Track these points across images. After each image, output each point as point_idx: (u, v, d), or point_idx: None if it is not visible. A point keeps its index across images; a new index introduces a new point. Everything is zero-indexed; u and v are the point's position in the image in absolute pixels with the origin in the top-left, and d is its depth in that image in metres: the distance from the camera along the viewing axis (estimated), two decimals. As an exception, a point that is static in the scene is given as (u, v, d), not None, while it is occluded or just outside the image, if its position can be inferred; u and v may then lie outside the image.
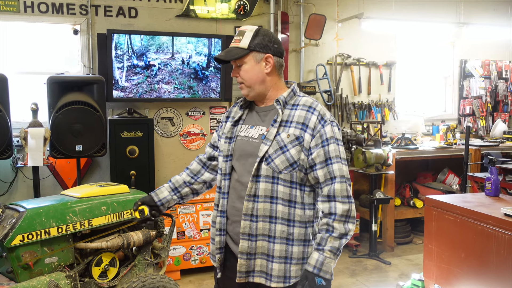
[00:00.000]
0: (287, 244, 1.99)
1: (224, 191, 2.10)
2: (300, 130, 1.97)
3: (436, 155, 5.67)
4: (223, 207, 2.10)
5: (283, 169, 1.96)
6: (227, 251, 2.12)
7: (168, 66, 4.92)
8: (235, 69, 2.07)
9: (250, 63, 2.03)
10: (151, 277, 2.91)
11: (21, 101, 4.52)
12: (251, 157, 2.02)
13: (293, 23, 5.72)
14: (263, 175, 1.98)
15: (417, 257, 5.09)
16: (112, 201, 3.10)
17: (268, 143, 1.98)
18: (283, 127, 2.00)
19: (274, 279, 1.99)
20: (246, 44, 2.01)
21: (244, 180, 2.03)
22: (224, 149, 2.12)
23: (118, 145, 4.61)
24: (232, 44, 2.05)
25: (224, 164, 2.11)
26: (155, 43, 4.84)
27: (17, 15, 4.63)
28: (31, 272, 2.77)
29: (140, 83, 4.85)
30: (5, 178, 4.61)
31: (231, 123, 2.15)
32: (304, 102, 2.04)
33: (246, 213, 1.99)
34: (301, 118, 1.99)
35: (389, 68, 6.25)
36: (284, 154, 1.96)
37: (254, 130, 2.08)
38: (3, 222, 2.81)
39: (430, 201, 3.63)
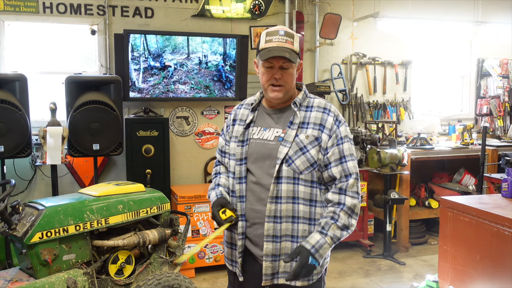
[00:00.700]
0: None
1: (241, 195, 2.10)
2: (318, 131, 2.02)
3: (452, 155, 5.61)
4: (242, 210, 2.10)
5: (304, 169, 2.00)
6: (246, 254, 2.13)
7: (184, 67, 4.97)
8: (278, 70, 2.00)
9: (294, 68, 2.05)
10: (166, 275, 2.95)
11: (40, 101, 4.60)
12: (268, 159, 2.04)
13: (308, 23, 5.72)
14: (285, 176, 2.00)
15: (432, 258, 5.05)
16: (128, 199, 3.15)
17: (287, 144, 2.00)
18: (300, 128, 2.03)
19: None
20: (297, 49, 2.02)
21: (263, 182, 2.04)
22: (237, 152, 2.11)
23: (134, 144, 4.67)
24: (284, 44, 1.98)
25: (238, 167, 2.10)
26: (171, 44, 4.88)
27: (36, 16, 4.71)
28: (49, 269, 2.83)
29: (156, 84, 4.90)
30: (24, 176, 4.71)
31: (243, 126, 2.14)
32: (318, 103, 2.08)
33: (270, 215, 2.00)
34: (317, 119, 2.03)
35: (405, 67, 6.21)
36: (304, 155, 2.00)
37: (269, 133, 2.08)
38: (23, 219, 2.87)
39: (446, 202, 3.61)
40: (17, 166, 4.62)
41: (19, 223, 2.85)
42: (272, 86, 2.03)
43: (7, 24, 4.68)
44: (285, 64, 1.99)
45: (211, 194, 2.22)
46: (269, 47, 1.99)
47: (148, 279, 2.90)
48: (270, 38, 2.00)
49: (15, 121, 3.95)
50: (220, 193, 2.17)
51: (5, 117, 3.91)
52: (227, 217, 2.08)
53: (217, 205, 2.12)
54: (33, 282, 2.75)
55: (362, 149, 5.36)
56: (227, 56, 5.10)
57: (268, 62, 2.01)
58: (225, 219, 2.07)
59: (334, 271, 4.71)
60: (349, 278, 4.55)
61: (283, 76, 2.01)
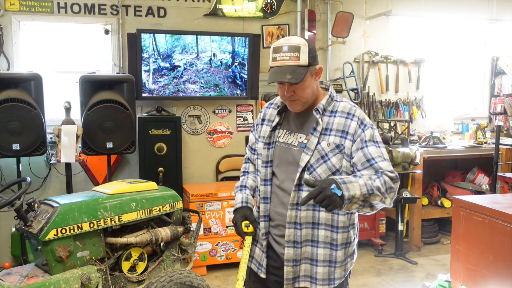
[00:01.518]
0: (331, 249, 2.02)
1: (266, 196, 2.10)
2: (340, 138, 1.96)
3: (465, 154, 5.56)
4: (266, 211, 2.11)
5: (325, 177, 1.95)
6: (269, 253, 2.14)
7: (193, 66, 5.00)
8: (288, 86, 1.94)
9: (308, 79, 1.95)
10: (179, 272, 2.98)
11: (55, 99, 4.66)
12: (291, 164, 2.03)
13: (320, 21, 5.71)
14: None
15: (444, 257, 5.02)
16: (141, 197, 3.18)
17: (309, 152, 1.97)
18: (323, 135, 1.98)
19: (319, 282, 2.02)
20: (306, 60, 1.92)
21: (286, 187, 2.04)
22: (263, 154, 2.11)
23: (147, 143, 4.72)
24: (287, 61, 1.91)
25: (264, 169, 2.10)
26: (180, 44, 4.91)
27: (51, 16, 4.77)
28: (64, 265, 2.88)
29: (166, 85, 4.93)
30: (39, 173, 4.78)
31: (270, 127, 2.13)
32: (342, 108, 2.01)
33: (290, 221, 2.01)
34: (340, 125, 1.97)
35: (418, 65, 6.17)
36: (325, 164, 1.96)
37: (293, 137, 2.06)
38: (38, 216, 2.93)
39: (458, 201, 3.58)
40: (32, 164, 4.69)
41: (35, 220, 2.90)
42: (288, 100, 2.02)
43: (23, 24, 4.75)
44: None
45: (237, 195, 2.22)
46: (273, 67, 1.95)
47: (161, 276, 2.94)
48: (274, 56, 1.95)
49: (30, 119, 4.02)
50: (246, 200, 2.17)
51: (21, 116, 3.98)
52: (249, 232, 2.13)
53: (242, 216, 2.14)
54: (48, 278, 2.80)
55: (374, 148, 5.34)
56: (236, 54, 5.11)
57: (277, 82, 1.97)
58: (245, 232, 2.13)
59: (346, 270, 4.71)
60: (360, 277, 4.54)
61: (295, 92, 1.96)
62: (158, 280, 2.91)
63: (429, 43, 6.21)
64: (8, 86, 4.04)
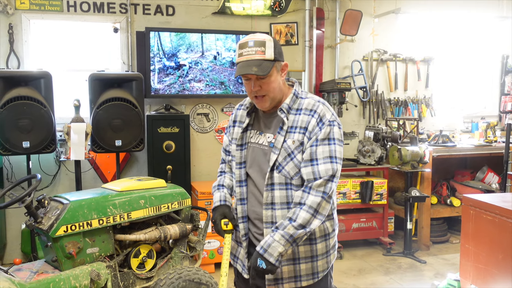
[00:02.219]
0: (310, 244, 2.04)
1: (242, 197, 2.13)
2: (303, 135, 1.98)
3: (475, 153, 5.53)
4: (243, 212, 2.13)
5: (294, 175, 1.99)
6: (251, 251, 2.14)
7: (198, 65, 5.01)
8: (255, 81, 1.96)
9: (274, 74, 1.97)
10: (187, 269, 2.99)
11: (64, 97, 4.69)
12: (263, 164, 2.05)
13: (328, 19, 5.69)
14: (277, 183, 2.01)
15: (454, 256, 4.99)
16: (150, 195, 3.20)
17: (276, 151, 1.99)
18: (288, 133, 2.00)
19: (304, 278, 2.05)
20: (272, 55, 1.95)
21: (261, 187, 2.06)
22: (237, 156, 2.13)
23: (155, 140, 4.73)
24: (253, 56, 1.93)
25: (238, 171, 2.12)
26: (185, 42, 4.92)
27: (61, 14, 4.80)
28: (74, 262, 2.90)
29: (172, 84, 4.94)
30: (49, 171, 4.81)
31: (241, 128, 2.14)
32: (306, 105, 2.01)
33: (267, 221, 2.03)
34: (303, 122, 1.98)
35: (427, 63, 6.14)
36: (292, 161, 1.98)
37: (263, 137, 2.08)
38: (48, 213, 2.95)
39: (468, 200, 3.56)
40: (42, 162, 4.72)
41: (45, 216, 2.92)
42: (255, 97, 2.02)
43: (33, 23, 4.78)
44: (259, 76, 1.94)
45: (215, 194, 2.25)
46: (239, 62, 1.96)
47: (169, 273, 2.95)
48: (240, 52, 1.96)
49: (40, 117, 4.04)
50: (224, 199, 2.20)
51: (31, 114, 4.01)
52: (228, 229, 2.15)
53: (221, 214, 2.17)
54: (58, 274, 2.82)
55: (383, 146, 5.33)
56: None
57: (244, 76, 1.98)
58: (224, 230, 2.14)
59: (354, 269, 4.70)
60: (368, 276, 4.53)
61: (262, 86, 1.97)
62: (167, 277, 2.92)
63: (439, 41, 6.17)
64: (19, 84, 4.07)
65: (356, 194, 5.16)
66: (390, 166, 5.25)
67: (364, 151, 5.32)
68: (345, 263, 4.86)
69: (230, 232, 2.15)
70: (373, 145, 5.29)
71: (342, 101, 5.25)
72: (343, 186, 5.10)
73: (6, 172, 4.64)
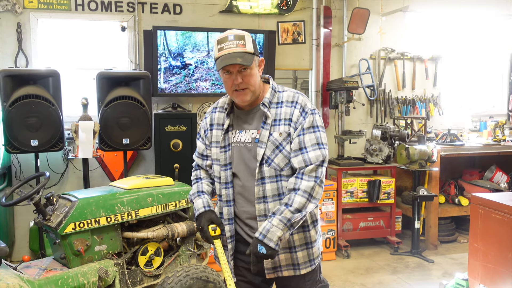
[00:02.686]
0: (304, 231, 2.08)
1: (228, 199, 2.11)
2: (288, 126, 2.01)
3: (483, 152, 5.49)
4: (230, 214, 2.12)
5: (284, 166, 2.02)
6: (238, 253, 2.16)
7: (204, 64, 5.01)
8: (237, 74, 1.97)
9: (254, 67, 2.01)
10: (194, 267, 2.99)
11: (72, 96, 4.70)
12: (250, 161, 2.05)
13: (335, 18, 5.67)
14: (267, 176, 2.02)
15: (462, 256, 4.96)
16: (157, 193, 3.21)
17: (263, 145, 2.01)
18: (273, 126, 2.02)
19: (302, 266, 2.09)
20: (252, 48, 1.99)
21: (249, 185, 2.06)
22: (220, 158, 2.11)
23: (163, 139, 4.74)
24: (235, 48, 1.96)
25: (223, 173, 2.11)
26: (191, 42, 4.93)
27: (69, 13, 4.83)
28: (82, 259, 2.92)
29: (178, 83, 4.95)
30: (57, 169, 4.84)
31: (221, 130, 2.13)
32: (286, 98, 2.06)
33: (260, 214, 2.04)
34: (287, 114, 2.03)
35: (435, 62, 6.10)
36: (281, 153, 2.01)
37: (245, 135, 2.08)
38: (57, 210, 2.97)
39: (476, 199, 3.54)
40: (50, 160, 4.75)
41: (53, 214, 2.94)
42: (236, 91, 2.02)
43: (41, 22, 4.80)
44: (241, 68, 1.97)
45: (196, 202, 2.19)
46: (221, 55, 1.97)
47: (177, 271, 2.95)
48: (221, 46, 1.98)
49: (48, 115, 4.06)
50: (207, 204, 2.16)
51: (39, 112, 4.03)
52: (216, 235, 2.10)
53: (208, 220, 2.11)
54: (67, 271, 2.84)
55: (390, 145, 5.30)
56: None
57: (225, 70, 1.99)
58: (213, 236, 2.09)
59: (361, 268, 4.69)
60: (376, 275, 4.51)
61: (243, 79, 1.98)
62: (174, 275, 2.92)
63: (447, 39, 6.13)
64: (27, 83, 4.10)
65: (364, 193, 5.14)
66: (397, 165, 5.22)
67: (371, 150, 5.31)
68: (352, 262, 4.84)
69: (218, 238, 2.11)
70: (380, 144, 5.27)
71: (349, 100, 5.23)
72: (350, 185, 5.08)
73: (14, 170, 4.68)
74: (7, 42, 4.69)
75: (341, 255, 5.00)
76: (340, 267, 4.71)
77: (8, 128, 3.96)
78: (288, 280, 2.13)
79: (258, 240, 1.92)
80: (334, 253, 4.97)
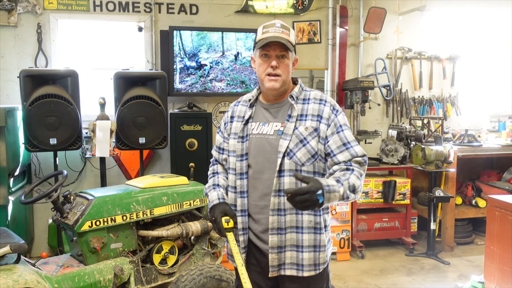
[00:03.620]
0: (315, 233, 2.06)
1: (242, 190, 2.11)
2: (316, 122, 2.04)
3: (501, 153, 5.41)
4: (244, 206, 2.11)
5: (306, 161, 2.02)
6: (253, 248, 2.14)
7: (219, 64, 5.04)
8: (275, 58, 2.03)
9: (290, 60, 2.07)
10: (208, 266, 3.02)
11: (90, 95, 4.78)
12: (269, 153, 2.05)
13: (352, 17, 5.65)
14: (287, 169, 2.01)
15: (478, 258, 4.90)
16: (172, 192, 3.25)
17: (287, 138, 2.02)
18: (299, 121, 2.05)
19: (306, 268, 2.05)
20: (293, 42, 2.06)
21: (265, 177, 2.06)
22: (237, 148, 2.12)
23: (178, 138, 4.78)
24: (281, 34, 2.01)
25: (239, 163, 2.11)
26: (206, 42, 4.96)
27: (87, 14, 4.90)
28: (98, 256, 2.97)
29: (193, 84, 4.99)
30: (75, 167, 4.92)
31: (242, 122, 2.15)
32: (314, 95, 2.11)
33: (274, 208, 2.02)
34: (315, 110, 2.06)
35: (453, 61, 6.03)
36: (305, 147, 2.02)
37: (268, 127, 2.09)
38: (74, 208, 3.03)
39: (493, 201, 3.50)
40: (68, 158, 4.84)
41: (70, 212, 3.00)
42: (268, 76, 2.05)
43: (60, 22, 4.89)
44: (281, 53, 2.02)
45: (211, 194, 2.19)
46: (266, 37, 2.03)
47: (191, 269, 2.99)
48: (266, 30, 2.04)
49: (67, 115, 4.14)
50: (222, 197, 2.15)
51: (58, 111, 4.10)
52: (229, 227, 2.08)
53: (221, 211, 2.10)
54: (83, 268, 2.89)
55: (406, 145, 5.26)
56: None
57: (265, 51, 2.03)
58: (226, 227, 2.07)
59: (376, 269, 4.67)
60: (390, 276, 4.49)
61: (279, 65, 2.03)
62: (188, 273, 2.96)
63: (465, 38, 6.05)
64: (46, 82, 4.17)
65: (379, 194, 5.11)
66: (413, 165, 5.18)
67: (387, 150, 5.27)
68: (367, 263, 4.83)
69: (231, 230, 2.09)
70: (396, 144, 5.23)
71: (365, 100, 5.21)
72: (365, 185, 5.06)
73: (34, 168, 4.77)
74: (28, 42, 4.78)
75: (356, 255, 4.99)
76: (355, 268, 4.70)
77: (28, 127, 4.05)
78: (291, 283, 2.09)
79: (322, 187, 1.81)
80: (349, 254, 4.95)
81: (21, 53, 4.78)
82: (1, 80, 4.75)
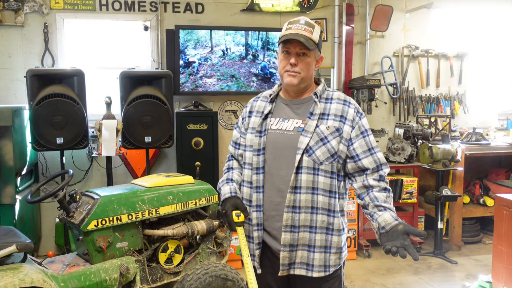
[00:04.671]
0: (327, 234, 2.03)
1: (258, 185, 2.08)
2: (339, 122, 2.02)
3: (510, 151, 5.35)
4: (259, 201, 2.08)
5: (324, 160, 2.00)
6: (264, 249, 2.11)
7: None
8: (296, 56, 2.02)
9: (312, 58, 2.05)
10: (214, 265, 3.02)
11: (96, 95, 4.79)
12: (287, 149, 2.03)
13: (358, 15, 5.62)
14: (305, 166, 2.00)
15: (486, 257, 4.86)
16: (178, 191, 3.24)
17: (308, 135, 2.00)
18: (320, 119, 2.03)
19: (316, 269, 2.03)
20: (316, 39, 2.03)
21: (282, 173, 2.03)
22: (254, 143, 2.10)
23: (184, 137, 4.79)
24: (303, 32, 2.00)
25: (256, 158, 2.09)
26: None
27: (93, 13, 4.91)
28: (104, 255, 2.98)
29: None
30: (81, 166, 4.94)
31: (261, 117, 2.13)
32: (337, 96, 2.10)
33: (289, 205, 2.00)
34: (338, 111, 2.04)
35: (460, 59, 5.99)
36: (325, 146, 2.00)
37: (288, 123, 2.08)
38: (80, 207, 3.03)
39: (501, 200, 3.47)
40: (75, 157, 4.86)
41: (77, 211, 3.01)
42: (287, 72, 2.04)
43: (67, 22, 4.91)
44: (301, 50, 2.00)
45: (223, 188, 2.18)
46: (287, 33, 2.01)
47: (196, 268, 2.99)
48: (289, 27, 2.04)
49: (73, 114, 4.15)
50: (234, 191, 2.14)
51: (64, 111, 4.12)
52: (239, 221, 2.05)
53: (232, 205, 2.08)
54: (89, 267, 2.90)
55: (413, 144, 5.23)
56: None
57: (286, 47, 2.03)
58: (236, 221, 2.04)
59: (382, 268, 4.64)
60: (397, 275, 4.46)
61: (299, 62, 2.02)
62: (194, 272, 2.96)
63: (472, 36, 6.00)
64: (53, 82, 4.19)
65: (385, 192, 5.08)
66: (420, 164, 5.15)
67: (394, 149, 5.24)
68: (373, 262, 4.81)
69: (241, 225, 2.06)
70: (403, 143, 5.20)
71: (371, 98, 5.18)
72: (372, 184, 5.03)
73: (41, 167, 4.80)
74: (34, 42, 4.80)
75: (362, 254, 4.97)
76: (361, 267, 4.68)
77: (35, 126, 4.07)
78: (302, 285, 2.08)
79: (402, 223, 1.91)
80: (355, 253, 4.94)
81: (28, 52, 4.81)
82: (8, 79, 4.78)
